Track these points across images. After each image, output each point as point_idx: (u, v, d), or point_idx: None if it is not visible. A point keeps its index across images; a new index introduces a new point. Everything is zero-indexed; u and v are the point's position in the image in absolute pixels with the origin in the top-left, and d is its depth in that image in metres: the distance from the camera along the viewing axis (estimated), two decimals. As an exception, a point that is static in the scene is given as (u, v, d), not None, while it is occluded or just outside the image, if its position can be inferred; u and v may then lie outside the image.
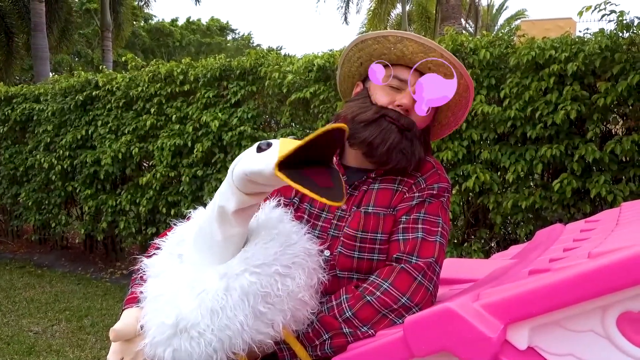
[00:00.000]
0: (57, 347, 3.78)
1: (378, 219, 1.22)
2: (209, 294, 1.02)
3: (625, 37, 3.22)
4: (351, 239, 1.21)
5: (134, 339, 1.11)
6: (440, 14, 9.87)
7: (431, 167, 1.28)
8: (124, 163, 5.61)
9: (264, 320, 1.04)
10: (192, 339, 1.01)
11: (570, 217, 3.37)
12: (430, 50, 1.22)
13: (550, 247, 1.37)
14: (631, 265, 0.80)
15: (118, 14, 15.76)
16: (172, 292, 1.07)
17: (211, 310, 1.01)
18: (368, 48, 1.29)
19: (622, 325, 0.86)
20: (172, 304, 1.04)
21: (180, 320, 1.02)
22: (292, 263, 1.07)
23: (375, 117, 1.22)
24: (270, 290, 1.03)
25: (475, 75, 3.60)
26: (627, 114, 3.30)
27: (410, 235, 1.18)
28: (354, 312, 1.12)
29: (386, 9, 18.75)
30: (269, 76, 4.56)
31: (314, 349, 1.14)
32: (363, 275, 1.21)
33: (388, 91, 1.26)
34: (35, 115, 6.38)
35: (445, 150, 3.66)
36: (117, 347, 1.12)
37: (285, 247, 1.08)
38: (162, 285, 1.10)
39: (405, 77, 1.25)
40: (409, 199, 1.23)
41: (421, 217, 1.21)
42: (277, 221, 1.14)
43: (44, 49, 11.33)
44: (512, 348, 0.90)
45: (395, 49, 1.24)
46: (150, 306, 1.08)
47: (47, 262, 6.50)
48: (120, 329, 1.09)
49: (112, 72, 6.05)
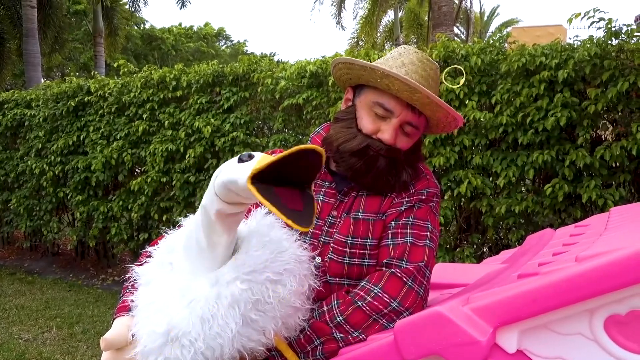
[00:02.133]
0: (48, 354, 3.75)
1: (368, 225, 1.23)
2: (199, 302, 1.02)
3: (614, 45, 3.26)
4: (342, 245, 1.22)
5: (125, 348, 1.10)
6: (432, 20, 9.93)
7: (420, 173, 1.29)
8: (116, 169, 5.59)
9: (255, 327, 1.03)
10: (183, 348, 1.01)
11: (561, 222, 3.39)
12: (415, 91, 1.17)
13: (540, 252, 1.38)
14: (618, 269, 0.81)
15: (112, 20, 15.74)
16: (163, 300, 1.06)
17: (202, 318, 1.01)
18: (356, 71, 1.25)
19: (609, 328, 0.87)
20: (163, 313, 1.04)
21: (171, 329, 1.02)
22: (283, 270, 1.07)
23: (360, 147, 1.21)
24: (261, 297, 1.03)
25: (466, 82, 3.63)
26: (616, 120, 3.34)
27: (400, 240, 1.19)
28: (344, 317, 1.13)
29: (378, 16, 18.85)
30: (262, 82, 4.57)
31: (306, 355, 1.14)
32: (354, 280, 1.21)
33: (374, 118, 1.23)
34: (27, 121, 6.36)
35: (437, 155, 3.68)
36: (109, 356, 1.11)
37: (276, 254, 1.08)
38: (152, 293, 1.10)
39: (391, 108, 1.22)
40: (398, 204, 1.24)
41: (410, 222, 1.21)
42: (269, 228, 1.14)
43: (36, 55, 11.30)
44: (501, 351, 0.90)
45: (381, 82, 1.20)
46: (141, 315, 1.08)
47: (37, 269, 6.46)
48: (110, 338, 1.09)
49: (105, 77, 6.04)
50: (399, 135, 1.23)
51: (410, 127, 1.24)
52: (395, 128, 1.22)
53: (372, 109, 1.23)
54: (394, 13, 20.37)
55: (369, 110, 1.24)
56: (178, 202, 5.11)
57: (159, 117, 5.25)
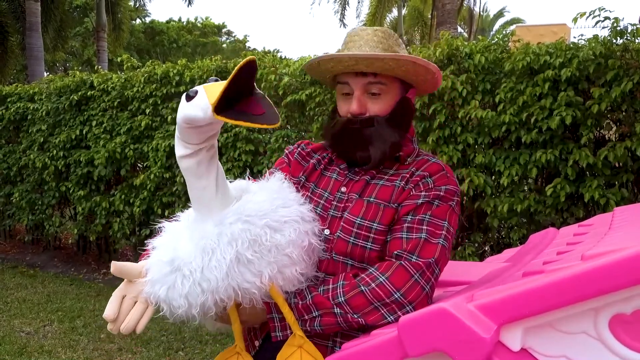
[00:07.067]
0: (49, 347, 3.76)
1: (378, 209, 1.25)
2: (203, 239, 1.12)
3: (619, 44, 3.24)
4: (350, 225, 1.25)
5: (138, 280, 1.18)
6: (436, 18, 9.91)
7: (440, 169, 1.29)
8: (118, 164, 5.60)
9: (251, 269, 1.11)
10: (184, 277, 1.10)
11: (563, 221, 3.38)
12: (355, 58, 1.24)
13: (544, 251, 1.38)
14: (624, 267, 0.81)
15: (116, 15, 15.71)
16: (173, 236, 1.19)
17: (203, 250, 1.11)
18: (321, 72, 1.35)
19: (614, 327, 0.87)
20: (171, 246, 1.16)
21: (175, 259, 1.12)
22: (284, 221, 1.15)
23: (338, 129, 1.31)
24: (258, 239, 1.11)
25: (470, 80, 3.62)
26: (620, 119, 3.33)
27: (414, 235, 1.19)
28: (346, 298, 1.16)
29: (383, 13, 18.82)
30: (265, 78, 4.57)
31: (304, 323, 1.19)
32: (357, 262, 1.24)
33: (344, 100, 1.32)
34: (30, 115, 6.35)
35: (440, 154, 3.67)
36: (122, 286, 1.19)
37: (279, 206, 1.17)
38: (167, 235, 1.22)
39: (346, 80, 1.30)
40: (415, 196, 1.24)
41: (427, 219, 1.21)
42: (279, 188, 1.24)
43: (39, 49, 11.30)
44: (505, 349, 0.90)
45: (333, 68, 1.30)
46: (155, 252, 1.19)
47: (39, 263, 6.47)
48: (118, 263, 1.16)
49: (108, 72, 6.03)
50: (368, 101, 1.29)
51: (375, 86, 1.28)
52: (358, 97, 1.28)
53: (341, 92, 1.33)
54: (397, 10, 20.33)
55: (340, 95, 1.34)
56: (180, 197, 5.12)
57: (162, 112, 5.25)
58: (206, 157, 1.11)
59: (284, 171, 1.38)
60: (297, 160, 1.43)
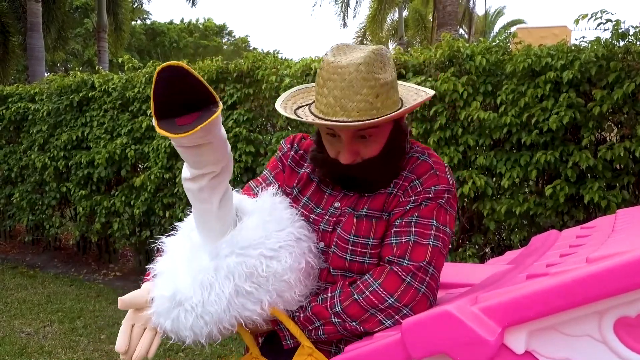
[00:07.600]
0: (49, 348, 3.75)
1: (370, 224, 1.23)
2: (201, 272, 1.13)
3: (620, 46, 3.24)
4: (344, 242, 1.24)
5: (144, 308, 1.19)
6: (437, 20, 9.91)
7: (429, 168, 1.23)
8: (118, 164, 5.59)
9: (250, 298, 1.13)
10: (187, 312, 1.13)
11: (563, 224, 3.38)
12: None
13: (547, 253, 1.37)
14: (629, 270, 0.81)
15: (117, 16, 15.71)
16: (173, 267, 1.19)
17: (202, 285, 1.12)
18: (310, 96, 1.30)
19: (619, 330, 0.86)
20: (171, 279, 1.16)
21: (176, 293, 1.14)
22: (278, 247, 1.15)
23: (331, 174, 1.28)
24: (254, 271, 1.12)
25: (471, 82, 3.62)
26: (622, 122, 3.32)
27: (403, 239, 1.18)
28: (342, 307, 1.17)
29: (383, 14, 18.82)
30: (266, 79, 4.56)
31: (309, 332, 1.21)
32: (356, 274, 1.24)
33: (331, 141, 1.24)
34: (30, 115, 6.35)
35: (440, 155, 3.67)
36: (130, 315, 1.20)
37: (272, 232, 1.17)
38: (167, 261, 1.22)
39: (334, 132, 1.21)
40: (405, 203, 1.21)
41: (414, 220, 1.19)
42: (272, 208, 1.23)
43: (40, 49, 11.31)
44: (509, 352, 0.90)
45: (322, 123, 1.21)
46: (157, 280, 1.20)
47: (39, 263, 6.46)
48: (125, 298, 1.18)
49: (109, 73, 6.03)
50: (359, 145, 1.21)
51: (365, 131, 1.19)
52: (348, 147, 1.20)
53: (325, 132, 1.24)
54: (398, 12, 20.34)
55: (324, 134, 1.25)
56: (180, 198, 5.11)
57: (163, 113, 5.23)
58: (209, 184, 1.09)
59: (278, 178, 1.37)
60: (291, 167, 1.39)
